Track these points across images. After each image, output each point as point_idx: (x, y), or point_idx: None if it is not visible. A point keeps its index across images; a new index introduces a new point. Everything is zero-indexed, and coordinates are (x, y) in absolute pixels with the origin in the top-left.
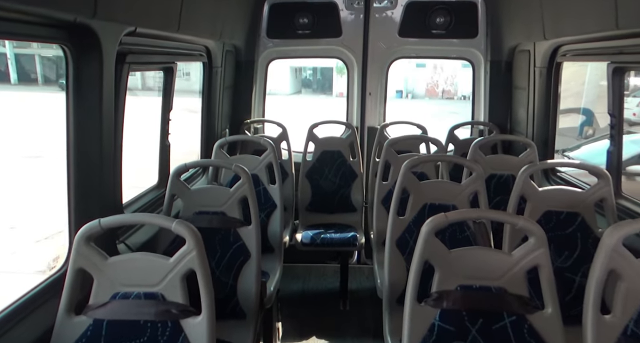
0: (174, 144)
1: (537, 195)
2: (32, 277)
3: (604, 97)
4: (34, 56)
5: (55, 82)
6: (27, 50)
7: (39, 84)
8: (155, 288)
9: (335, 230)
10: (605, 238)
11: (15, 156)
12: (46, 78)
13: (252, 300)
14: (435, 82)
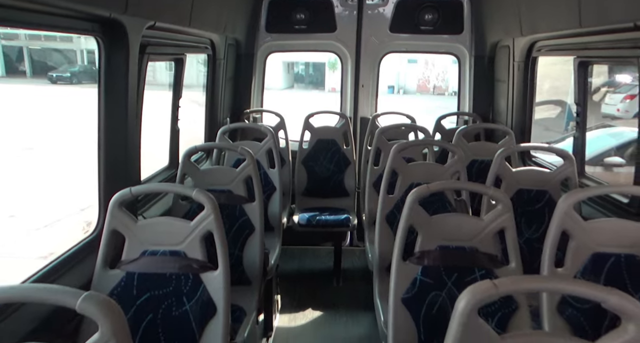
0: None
1: (511, 175)
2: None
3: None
4: (22, 48)
5: (44, 75)
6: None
7: (27, 77)
8: (179, 247)
9: (330, 213)
10: (559, 204)
11: (7, 148)
12: (35, 70)
13: (256, 269)
14: (427, 78)
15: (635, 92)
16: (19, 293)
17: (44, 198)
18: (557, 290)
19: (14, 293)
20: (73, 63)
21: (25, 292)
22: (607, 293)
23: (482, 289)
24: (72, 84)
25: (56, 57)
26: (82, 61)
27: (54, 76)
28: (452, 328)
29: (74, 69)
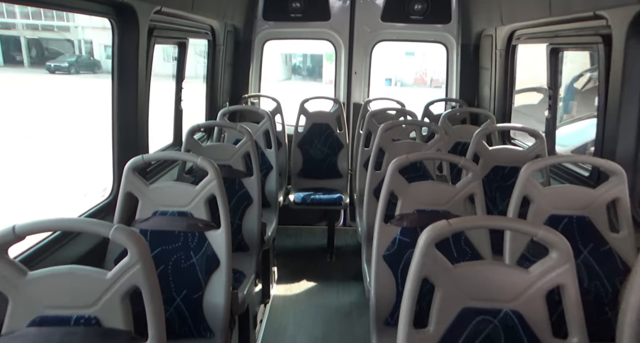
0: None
1: (488, 153)
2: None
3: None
4: (19, 38)
5: (42, 65)
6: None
7: (24, 66)
8: (186, 208)
9: (324, 192)
10: (522, 171)
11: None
12: (32, 60)
13: (254, 237)
14: (424, 71)
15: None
16: (70, 224)
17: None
18: (499, 226)
19: (67, 223)
20: (71, 53)
21: (75, 224)
22: (537, 228)
23: (439, 226)
24: (70, 73)
25: (54, 47)
26: (79, 51)
27: (52, 66)
28: (414, 259)
29: (72, 59)
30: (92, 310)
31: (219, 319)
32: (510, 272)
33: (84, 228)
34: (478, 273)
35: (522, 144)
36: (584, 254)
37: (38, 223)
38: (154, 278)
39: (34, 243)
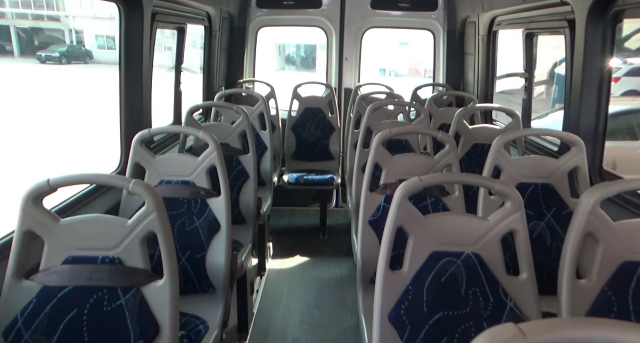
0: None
1: (468, 132)
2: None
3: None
4: (8, 28)
5: (32, 55)
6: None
7: (15, 56)
8: (189, 177)
9: (317, 174)
10: (493, 144)
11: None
12: (23, 50)
13: (251, 210)
14: (418, 61)
15: (618, 76)
16: (96, 179)
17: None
18: (463, 182)
19: (94, 178)
20: (62, 43)
21: (100, 178)
22: (494, 183)
23: (412, 182)
24: (61, 64)
25: (44, 37)
26: (70, 41)
27: (43, 56)
28: (391, 211)
29: (63, 49)
30: (115, 251)
31: (220, 277)
32: (473, 221)
33: (108, 182)
34: (445, 223)
35: (502, 124)
36: (548, 217)
37: (69, 177)
38: (167, 225)
39: (64, 200)
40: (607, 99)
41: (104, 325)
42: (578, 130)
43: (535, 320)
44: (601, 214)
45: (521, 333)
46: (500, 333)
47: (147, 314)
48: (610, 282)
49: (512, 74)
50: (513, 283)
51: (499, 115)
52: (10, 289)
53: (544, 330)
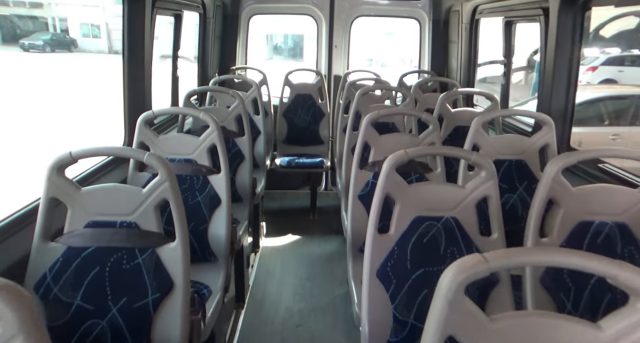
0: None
1: (450, 115)
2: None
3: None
4: None
5: (15, 43)
6: None
7: None
8: (191, 156)
9: (307, 157)
10: (472, 124)
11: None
12: (4, 38)
13: (246, 189)
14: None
15: (596, 64)
16: (114, 151)
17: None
18: (442, 153)
19: (112, 150)
20: (45, 31)
21: (117, 151)
22: (471, 154)
23: (398, 154)
24: (45, 52)
25: (26, 24)
26: (54, 29)
27: (26, 44)
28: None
29: (47, 37)
30: (132, 217)
31: (221, 247)
32: (451, 188)
33: (124, 154)
34: (427, 191)
35: (483, 108)
36: (520, 190)
37: (89, 149)
38: (178, 193)
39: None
40: (575, 83)
41: (123, 281)
42: (549, 111)
43: (496, 250)
44: (562, 181)
45: (484, 260)
46: (467, 260)
47: (161, 272)
48: (567, 239)
49: (493, 61)
50: (485, 243)
51: (480, 100)
52: (38, 250)
53: (505, 257)
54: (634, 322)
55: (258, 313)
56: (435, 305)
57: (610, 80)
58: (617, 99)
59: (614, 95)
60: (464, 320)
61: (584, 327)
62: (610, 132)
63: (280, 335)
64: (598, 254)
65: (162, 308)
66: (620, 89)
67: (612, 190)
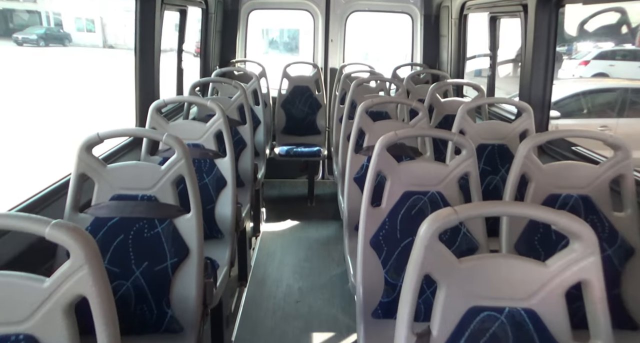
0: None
1: (440, 105)
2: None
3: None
4: None
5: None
6: None
7: None
8: (198, 140)
9: (305, 146)
10: (458, 111)
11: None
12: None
13: (248, 175)
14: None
15: (587, 59)
16: (134, 132)
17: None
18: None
19: (133, 131)
20: (39, 25)
21: (138, 132)
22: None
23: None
24: (39, 46)
25: (19, 18)
26: (47, 23)
27: (20, 38)
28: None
29: (40, 31)
30: (151, 191)
31: (227, 225)
32: (436, 166)
33: (145, 134)
34: (415, 168)
35: (471, 98)
36: (502, 172)
37: (114, 131)
38: (192, 170)
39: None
40: (552, 74)
41: (145, 247)
42: (530, 99)
43: (466, 204)
44: (533, 158)
45: (454, 212)
46: (441, 213)
47: (178, 239)
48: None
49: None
50: None
51: (470, 91)
52: (69, 220)
53: (470, 208)
54: (570, 259)
55: (260, 290)
56: (415, 250)
57: (601, 74)
58: (606, 91)
59: (602, 88)
60: (438, 260)
61: (534, 264)
62: (599, 123)
63: (282, 309)
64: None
65: (179, 272)
66: (611, 82)
67: (577, 167)
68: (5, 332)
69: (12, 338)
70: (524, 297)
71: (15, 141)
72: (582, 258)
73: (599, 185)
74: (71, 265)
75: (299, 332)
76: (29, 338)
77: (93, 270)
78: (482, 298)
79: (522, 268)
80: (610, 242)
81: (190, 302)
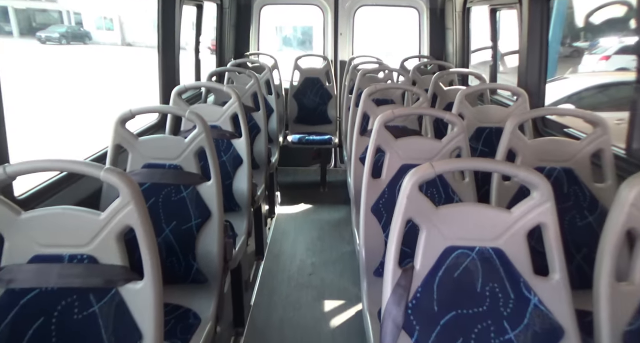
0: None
1: (443, 92)
2: None
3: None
4: (6, 8)
5: (32, 36)
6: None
7: (14, 37)
8: (217, 122)
9: (317, 135)
10: (457, 96)
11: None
12: (22, 31)
13: (263, 158)
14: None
15: (608, 54)
16: (163, 109)
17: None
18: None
19: (162, 109)
20: (60, 24)
21: (163, 109)
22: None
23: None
24: (61, 44)
25: (42, 18)
26: (69, 22)
27: (43, 37)
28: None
29: (62, 30)
30: (177, 161)
31: (244, 199)
32: (430, 142)
33: (171, 111)
34: (412, 142)
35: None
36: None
37: (146, 108)
38: (212, 142)
39: (134, 130)
40: (545, 62)
41: (173, 209)
42: (526, 85)
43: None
44: (519, 134)
45: (431, 167)
46: (420, 168)
47: (201, 203)
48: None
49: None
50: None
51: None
52: (108, 186)
53: (445, 164)
54: (530, 205)
55: (276, 264)
56: (399, 200)
57: (623, 69)
58: (622, 85)
59: (619, 81)
60: (419, 208)
61: (500, 211)
62: (616, 117)
63: (296, 280)
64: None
65: (203, 231)
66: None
67: (561, 142)
68: (74, 252)
69: (78, 257)
70: (492, 238)
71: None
72: (539, 204)
73: (581, 159)
74: (120, 202)
75: (312, 300)
76: (91, 258)
77: (138, 206)
78: (457, 239)
79: (490, 214)
80: (592, 210)
81: (213, 257)
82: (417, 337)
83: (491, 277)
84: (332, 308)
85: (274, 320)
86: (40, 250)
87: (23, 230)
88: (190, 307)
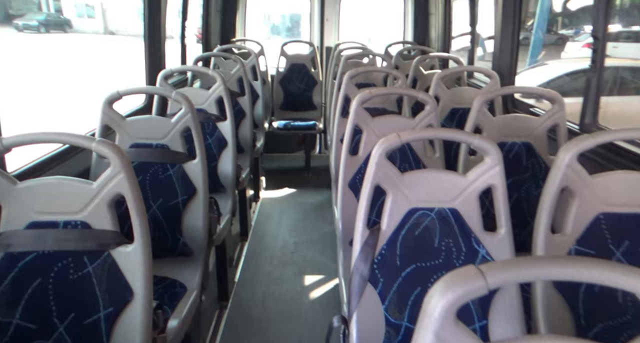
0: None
1: (424, 76)
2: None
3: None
4: None
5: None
6: None
7: None
8: (202, 106)
9: (301, 121)
10: (434, 77)
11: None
12: None
13: (248, 142)
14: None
15: (590, 41)
16: (149, 90)
17: None
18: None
19: (148, 90)
20: (38, 11)
21: (150, 89)
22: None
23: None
24: (39, 32)
25: (19, 4)
26: (47, 9)
27: (21, 24)
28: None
29: (41, 18)
30: (164, 140)
31: (228, 181)
32: (404, 120)
33: (158, 92)
34: (385, 120)
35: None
36: None
37: (133, 88)
38: (197, 122)
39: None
40: (517, 46)
41: (160, 186)
42: (499, 68)
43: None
44: (485, 112)
45: (398, 137)
46: (388, 137)
47: (187, 181)
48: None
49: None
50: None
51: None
52: (97, 164)
53: (409, 133)
54: (482, 169)
55: (260, 244)
56: (369, 167)
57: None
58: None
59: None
60: (386, 174)
61: (456, 176)
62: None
63: (279, 258)
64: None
65: (188, 207)
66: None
67: (522, 118)
68: (68, 218)
69: (72, 223)
70: (449, 200)
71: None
72: (490, 168)
73: (538, 134)
74: (111, 171)
75: (293, 276)
76: (84, 224)
77: (127, 175)
78: (419, 201)
79: (448, 178)
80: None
81: (198, 230)
82: (381, 287)
83: (447, 233)
84: (312, 282)
85: (256, 294)
86: (36, 216)
87: (19, 199)
88: (176, 278)
